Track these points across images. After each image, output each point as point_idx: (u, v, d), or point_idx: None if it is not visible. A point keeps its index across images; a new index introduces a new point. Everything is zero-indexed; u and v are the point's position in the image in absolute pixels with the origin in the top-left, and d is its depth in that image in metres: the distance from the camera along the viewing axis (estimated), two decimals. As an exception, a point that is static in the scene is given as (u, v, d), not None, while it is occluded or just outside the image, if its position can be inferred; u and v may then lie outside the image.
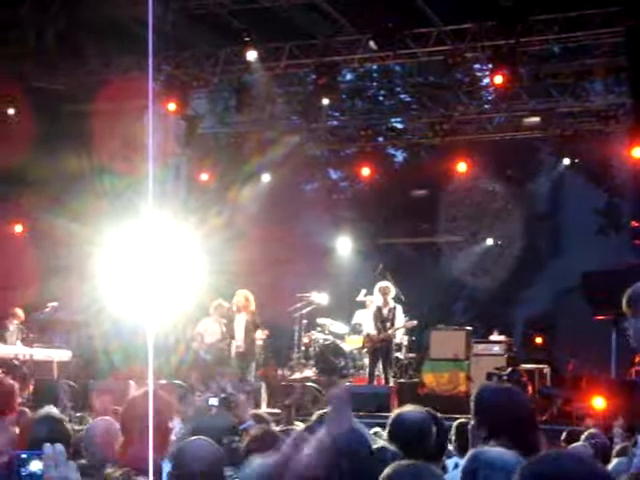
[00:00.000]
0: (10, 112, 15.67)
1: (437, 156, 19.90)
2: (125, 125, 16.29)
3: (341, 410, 2.02)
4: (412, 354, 15.55)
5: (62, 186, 16.31)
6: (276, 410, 12.74)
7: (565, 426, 9.83)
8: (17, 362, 13.63)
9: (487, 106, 18.01)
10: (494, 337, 16.05)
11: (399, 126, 20.04)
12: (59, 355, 14.38)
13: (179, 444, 4.27)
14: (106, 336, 14.51)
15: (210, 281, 15.45)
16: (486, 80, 16.60)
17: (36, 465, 2.31)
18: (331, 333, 15.92)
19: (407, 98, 19.21)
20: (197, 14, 14.51)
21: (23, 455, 2.34)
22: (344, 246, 21.05)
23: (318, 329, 16.04)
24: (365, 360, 14.74)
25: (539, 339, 21.55)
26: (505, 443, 3.44)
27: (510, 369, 13.79)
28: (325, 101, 15.77)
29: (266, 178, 19.32)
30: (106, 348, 14.22)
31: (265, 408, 12.63)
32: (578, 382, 14.99)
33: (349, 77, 19.06)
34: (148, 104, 14.63)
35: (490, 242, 22.31)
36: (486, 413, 3.84)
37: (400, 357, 15.14)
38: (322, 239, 22.94)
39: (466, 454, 3.38)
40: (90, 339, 14.84)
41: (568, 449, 6.25)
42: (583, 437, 7.16)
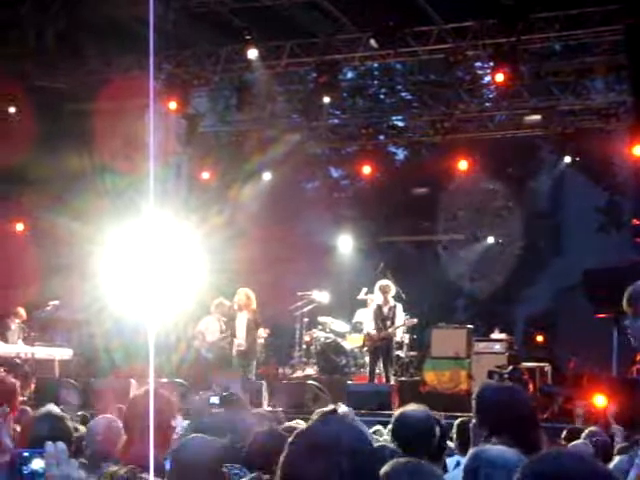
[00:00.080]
0: (11, 111, 15.68)
1: (438, 154, 19.90)
2: (126, 124, 16.30)
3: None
4: (413, 352, 15.55)
5: (63, 185, 16.32)
6: (278, 408, 12.75)
7: (566, 424, 9.83)
8: (19, 361, 13.65)
9: (488, 104, 18.01)
10: (495, 335, 16.05)
11: (400, 124, 20.04)
12: (60, 354, 14.39)
13: (179, 442, 4.28)
14: (107, 334, 14.52)
15: (211, 280, 15.46)
16: (487, 78, 16.60)
17: (38, 463, 2.31)
18: (332, 331, 15.92)
19: (408, 96, 19.21)
20: (198, 12, 14.51)
21: (25, 453, 2.34)
22: (345, 244, 21.05)
23: (319, 327, 16.04)
24: (366, 358, 14.74)
25: (540, 337, 21.54)
26: (507, 441, 3.45)
27: (511, 367, 13.79)
28: (326, 99, 15.77)
29: (267, 177, 19.32)
30: (107, 346, 14.23)
31: (266, 407, 12.64)
32: (579, 380, 14.99)
33: (350, 75, 19.06)
34: (149, 103, 14.63)
35: (491, 240, 22.29)
36: (487, 412, 3.84)
37: (401, 355, 15.14)
38: (323, 237, 22.94)
39: (467, 452, 3.39)
40: (91, 337, 14.86)
41: (569, 447, 6.26)
42: (584, 435, 7.16)
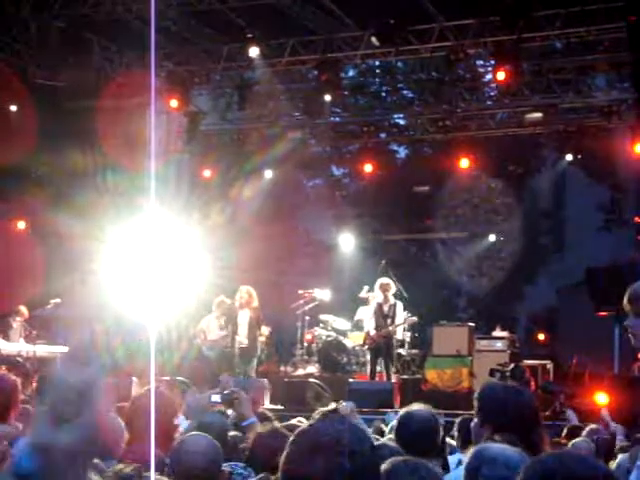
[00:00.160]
0: (13, 109, 15.68)
1: (439, 152, 19.91)
2: (127, 122, 16.29)
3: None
4: (415, 350, 15.54)
5: (65, 183, 16.32)
6: (279, 406, 12.75)
7: (568, 422, 9.83)
8: (20, 359, 13.65)
9: (489, 102, 18.01)
10: (497, 333, 16.05)
11: (401, 122, 20.05)
12: (62, 352, 14.38)
13: (178, 440, 4.28)
14: (108, 333, 14.52)
15: (212, 278, 15.47)
16: (488, 76, 16.59)
17: None
18: (334, 329, 15.92)
19: (409, 94, 19.19)
20: (199, 10, 14.50)
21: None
22: (346, 242, 21.05)
23: (321, 325, 16.04)
24: (367, 356, 14.75)
25: (542, 335, 21.58)
26: (509, 439, 3.45)
27: (513, 365, 13.78)
28: (327, 97, 15.76)
29: (268, 175, 19.31)
30: (108, 345, 14.23)
31: (268, 404, 12.64)
32: (581, 378, 15.00)
33: (351, 73, 19.08)
34: (150, 101, 14.63)
35: (493, 238, 22.29)
36: (490, 410, 3.84)
37: (403, 353, 15.14)
38: (324, 235, 22.97)
39: (469, 450, 3.39)
40: (92, 336, 14.84)
41: (570, 445, 6.26)
42: (584, 433, 7.16)
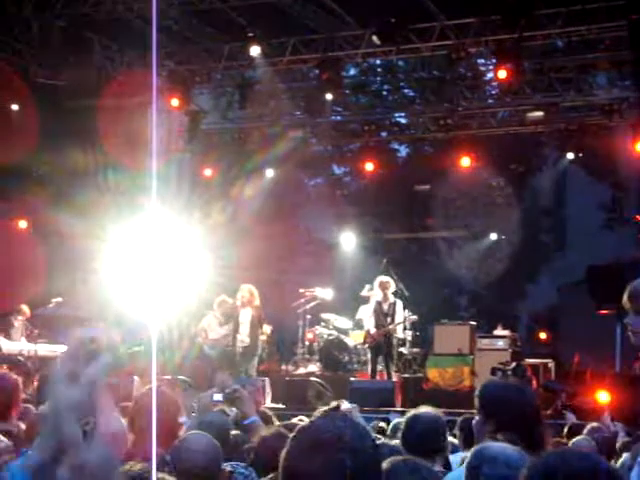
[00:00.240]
0: (14, 108, 15.68)
1: (441, 151, 19.91)
2: (129, 121, 16.29)
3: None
4: (416, 349, 15.55)
5: (66, 182, 16.33)
6: (280, 405, 12.76)
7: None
8: (21, 358, 13.66)
9: (491, 101, 18.00)
10: (498, 332, 16.05)
11: (403, 121, 20.06)
12: (63, 351, 14.39)
13: (179, 439, 4.28)
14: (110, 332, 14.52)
15: (213, 277, 15.47)
16: (490, 75, 16.59)
17: None
18: (335, 328, 15.93)
19: (410, 93, 19.20)
20: (200, 10, 14.50)
21: (30, 452, 2.34)
22: (348, 241, 21.05)
23: (322, 324, 16.05)
24: (369, 355, 14.76)
25: (543, 334, 21.57)
26: (512, 438, 3.45)
27: (514, 364, 13.79)
28: (328, 96, 15.76)
29: (270, 174, 19.31)
30: (110, 344, 14.23)
31: (269, 403, 12.65)
32: (582, 376, 15.00)
33: (352, 72, 19.05)
34: (151, 100, 14.63)
35: (494, 237, 22.29)
36: (492, 408, 3.84)
37: (404, 352, 15.14)
38: (326, 234, 22.97)
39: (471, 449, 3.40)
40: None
41: (571, 443, 6.26)
42: (585, 431, 7.16)
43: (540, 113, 16.46)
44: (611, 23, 13.54)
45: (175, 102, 15.70)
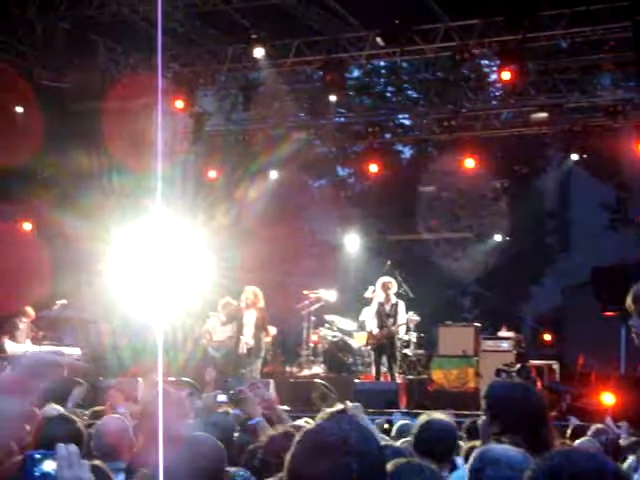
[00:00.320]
0: (18, 110, 15.70)
1: (444, 152, 19.88)
2: (133, 123, 16.32)
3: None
4: (420, 351, 15.52)
5: (71, 184, 16.34)
6: (284, 407, 12.75)
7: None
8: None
9: (495, 102, 18.01)
10: (503, 333, 16.02)
11: (407, 122, 20.05)
12: (68, 353, 14.40)
13: (183, 440, 4.28)
14: (115, 333, 14.54)
15: (217, 278, 15.47)
16: (494, 76, 16.58)
17: (49, 465, 2.30)
18: (339, 330, 15.92)
19: (414, 94, 19.20)
20: (204, 12, 14.51)
21: (36, 455, 2.33)
22: (352, 243, 21.04)
23: (326, 326, 16.03)
24: (373, 357, 14.74)
25: (548, 335, 21.53)
26: (516, 440, 3.45)
27: (519, 365, 13.77)
28: (332, 98, 15.76)
29: (274, 175, 19.31)
30: (115, 345, 14.25)
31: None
32: (587, 378, 14.98)
33: (356, 74, 19.04)
34: (156, 102, 14.65)
35: (498, 238, 22.26)
36: (498, 408, 3.84)
37: (408, 354, 15.12)
38: (330, 236, 22.96)
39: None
40: (99, 336, 14.87)
41: (575, 444, 6.25)
42: (589, 432, 7.14)
43: (544, 114, 16.44)
44: (615, 24, 13.52)
45: (179, 104, 15.71)
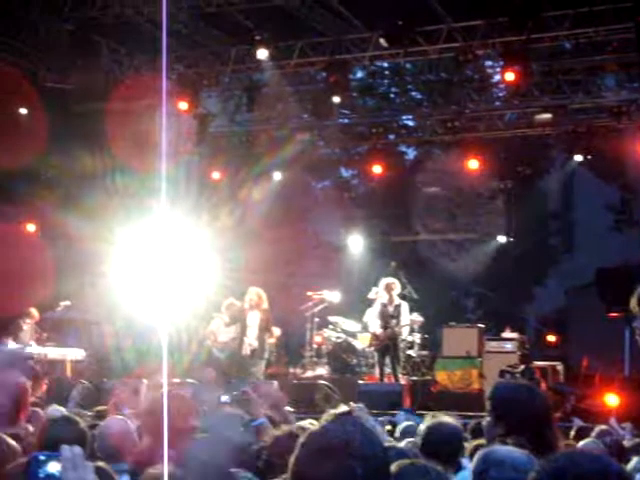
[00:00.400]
0: (22, 112, 15.72)
1: (448, 153, 19.88)
2: (137, 124, 16.33)
3: None
4: (424, 352, 15.51)
5: (75, 185, 16.37)
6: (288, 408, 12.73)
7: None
8: (31, 361, 13.66)
9: (498, 103, 17.98)
10: (506, 334, 16.02)
11: (410, 124, 20.02)
12: (72, 354, 14.41)
13: (189, 442, 4.28)
14: (118, 335, 14.54)
15: (221, 279, 15.48)
16: (497, 77, 16.55)
17: (54, 467, 2.31)
18: (343, 331, 15.90)
19: (418, 95, 19.17)
20: (207, 13, 14.51)
21: (41, 457, 2.34)
22: (356, 244, 21.04)
23: (330, 327, 16.02)
24: (377, 358, 14.73)
25: (552, 336, 21.49)
26: (520, 441, 3.44)
27: (523, 366, 13.76)
28: (336, 99, 15.75)
29: (277, 177, 19.32)
30: (119, 347, 14.26)
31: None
32: (591, 379, 14.97)
33: (360, 75, 19.03)
34: (160, 103, 14.66)
35: (502, 239, 22.24)
36: (503, 409, 3.83)
37: (412, 355, 15.12)
38: (333, 237, 22.97)
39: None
40: (102, 338, 14.89)
41: (579, 446, 6.24)
42: (594, 434, 7.13)
43: (548, 115, 16.43)
44: (619, 25, 13.51)
45: (183, 105, 15.72)
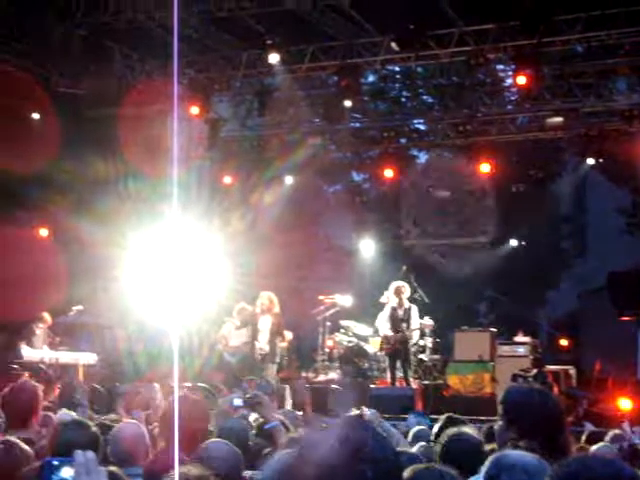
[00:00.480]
0: (35, 117, 15.78)
1: (460, 157, 19.85)
2: (149, 129, 16.37)
3: None
4: (436, 356, 15.48)
5: (87, 190, 16.41)
6: (299, 412, 12.73)
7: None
8: (43, 366, 13.70)
9: (510, 106, 17.94)
10: (519, 338, 15.96)
11: (422, 127, 20.00)
12: (85, 358, 14.44)
13: (201, 446, 4.29)
14: (131, 339, 14.57)
15: (233, 284, 15.49)
16: (509, 80, 16.55)
17: (67, 472, 2.31)
18: (355, 335, 15.90)
19: (429, 99, 19.18)
20: (219, 17, 14.54)
21: (54, 462, 2.34)
22: (367, 248, 21.03)
23: (342, 331, 16.02)
24: (388, 362, 14.71)
25: (564, 340, 21.42)
26: (532, 445, 3.43)
27: (535, 370, 13.71)
28: (347, 103, 15.75)
29: (289, 181, 19.34)
30: (131, 351, 14.28)
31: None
32: (604, 383, 14.91)
33: (371, 79, 19.05)
34: (171, 108, 14.69)
35: (514, 243, 22.18)
36: (515, 413, 3.82)
37: (424, 359, 15.09)
38: (345, 241, 22.96)
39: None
40: (115, 342, 14.91)
41: (593, 450, 6.22)
42: (607, 438, 7.09)
43: (560, 119, 16.39)
44: (631, 28, 13.48)
45: (195, 110, 15.76)
